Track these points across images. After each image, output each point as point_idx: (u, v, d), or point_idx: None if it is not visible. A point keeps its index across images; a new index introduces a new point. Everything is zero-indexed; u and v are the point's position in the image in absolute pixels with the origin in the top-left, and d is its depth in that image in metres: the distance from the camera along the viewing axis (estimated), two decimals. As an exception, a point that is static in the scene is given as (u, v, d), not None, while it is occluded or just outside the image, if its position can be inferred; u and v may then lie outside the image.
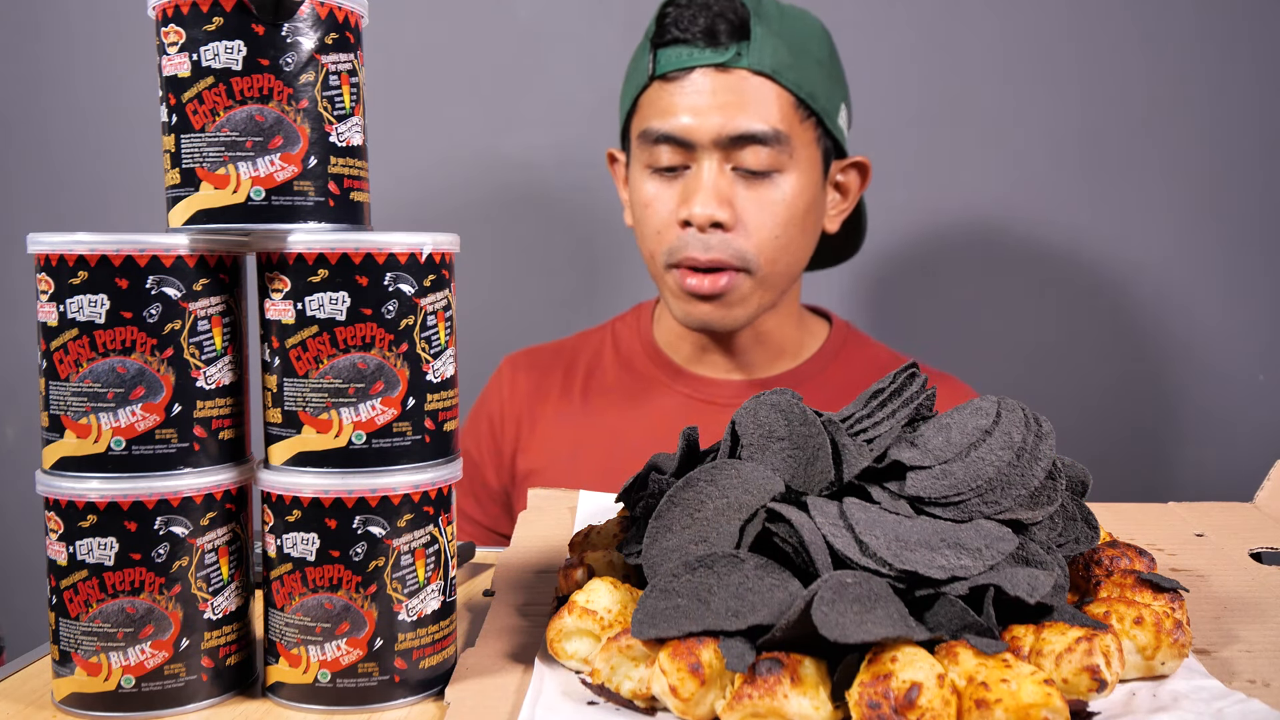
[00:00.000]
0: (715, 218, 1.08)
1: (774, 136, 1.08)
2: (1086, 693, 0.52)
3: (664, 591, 0.54)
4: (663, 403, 1.20)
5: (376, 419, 0.56)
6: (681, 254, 1.10)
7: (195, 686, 0.57)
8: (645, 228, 1.14)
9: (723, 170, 1.09)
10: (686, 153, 1.10)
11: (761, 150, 1.08)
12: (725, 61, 1.08)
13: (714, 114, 1.08)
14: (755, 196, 1.10)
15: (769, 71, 1.08)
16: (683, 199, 1.10)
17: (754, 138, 1.08)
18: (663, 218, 1.11)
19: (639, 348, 1.24)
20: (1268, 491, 0.88)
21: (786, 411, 0.63)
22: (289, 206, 0.56)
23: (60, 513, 0.56)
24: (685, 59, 1.08)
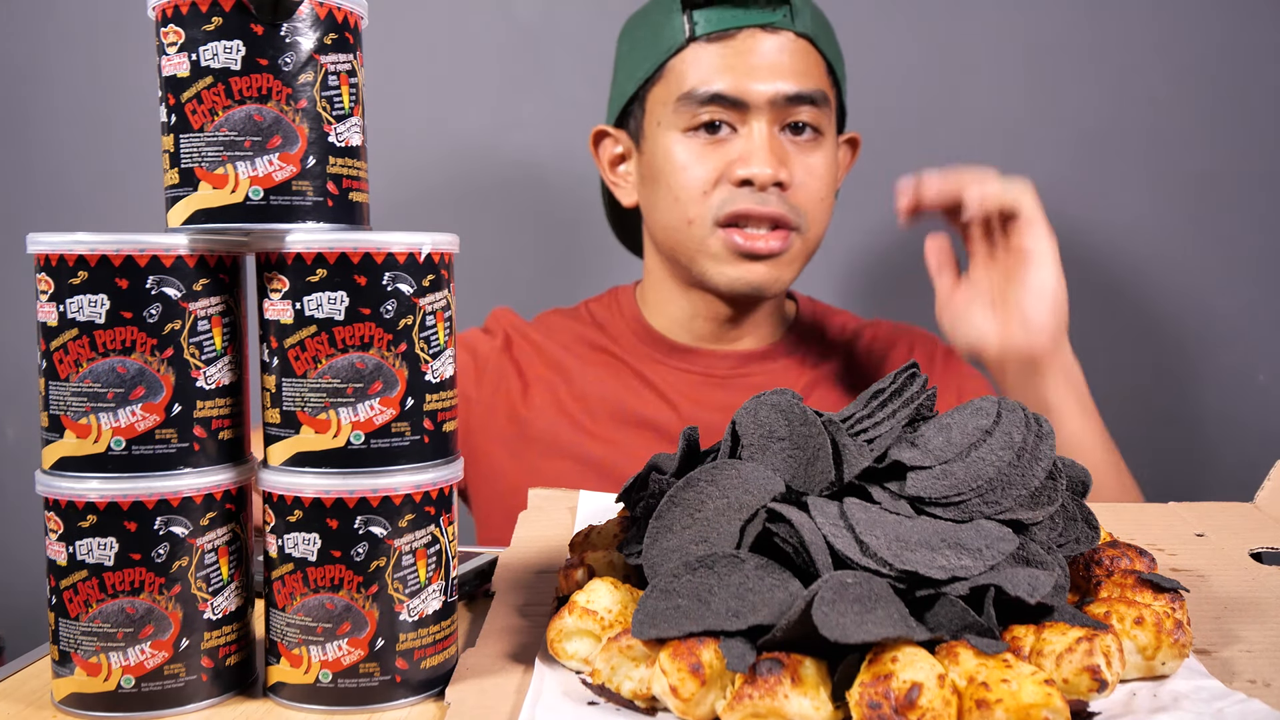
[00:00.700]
0: (778, 177, 1.07)
1: (823, 98, 1.10)
2: (1087, 693, 0.52)
3: (664, 592, 0.54)
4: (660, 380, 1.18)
5: (375, 419, 0.56)
6: (733, 207, 1.07)
7: (195, 686, 0.57)
8: (684, 190, 1.09)
9: (773, 132, 1.08)
10: (737, 113, 1.08)
11: (811, 111, 1.09)
12: (774, 22, 1.07)
13: (766, 73, 1.07)
14: (804, 160, 1.10)
15: (811, 35, 1.09)
16: (736, 160, 1.07)
17: (808, 99, 1.08)
18: (707, 179, 1.08)
19: (625, 328, 1.22)
20: (1268, 491, 0.88)
21: (787, 411, 0.63)
22: (287, 206, 0.56)
23: (60, 513, 0.56)
24: (730, 19, 1.07)
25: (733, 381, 1.18)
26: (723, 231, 1.09)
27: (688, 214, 1.10)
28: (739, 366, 1.19)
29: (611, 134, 1.19)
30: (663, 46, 1.11)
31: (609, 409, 1.17)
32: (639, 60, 1.13)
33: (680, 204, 1.10)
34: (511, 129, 1.50)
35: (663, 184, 1.12)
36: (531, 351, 1.22)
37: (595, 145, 1.22)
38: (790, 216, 1.09)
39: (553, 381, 1.20)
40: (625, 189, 1.20)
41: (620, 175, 1.21)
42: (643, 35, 1.14)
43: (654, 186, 1.13)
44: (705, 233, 1.10)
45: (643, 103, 1.14)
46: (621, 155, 1.20)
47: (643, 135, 1.15)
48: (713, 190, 1.09)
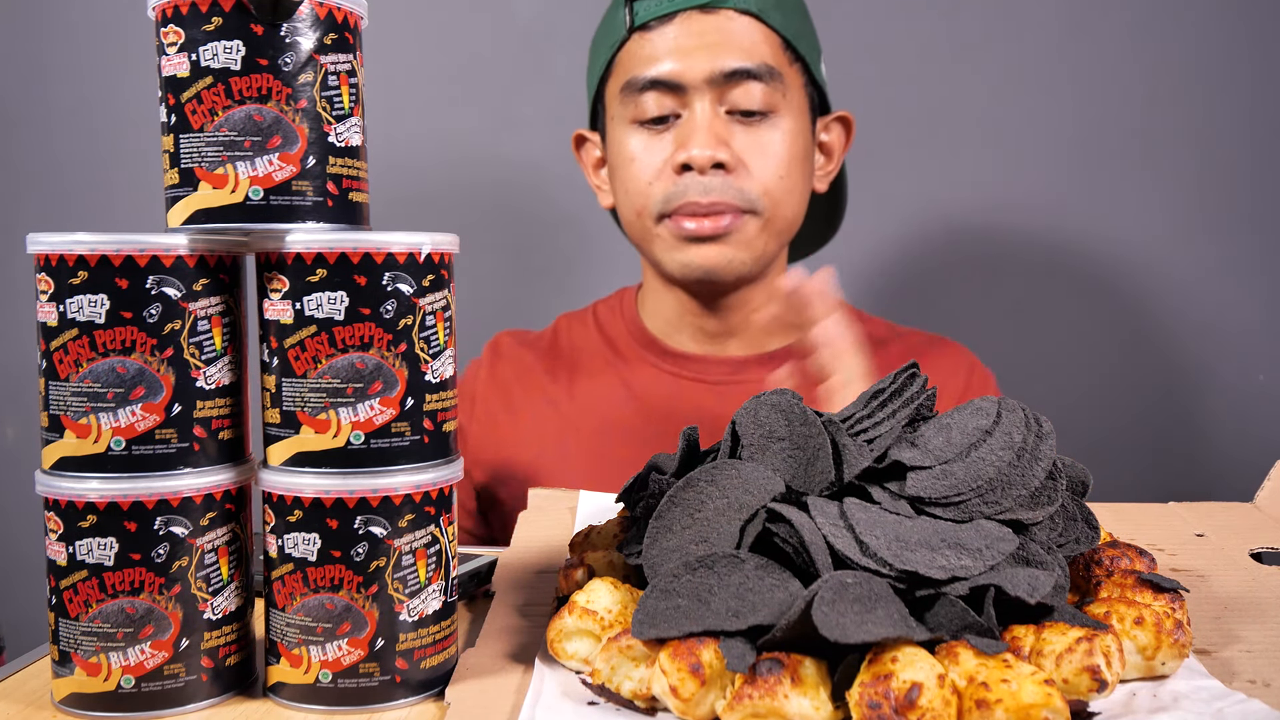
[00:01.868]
0: (716, 158, 1.03)
1: (767, 72, 1.05)
2: (1087, 693, 0.52)
3: (664, 592, 0.54)
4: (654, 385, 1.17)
5: (375, 419, 0.56)
6: (679, 200, 1.05)
7: (195, 686, 0.57)
8: (633, 183, 1.08)
9: (717, 112, 1.05)
10: (677, 98, 1.06)
11: (755, 87, 1.05)
12: (709, 2, 1.05)
13: (703, 53, 1.04)
14: (754, 138, 1.06)
15: (754, 10, 1.06)
16: (678, 145, 1.05)
17: (747, 73, 1.04)
18: (653, 168, 1.07)
19: (623, 329, 1.20)
20: (1268, 491, 0.88)
21: (787, 412, 0.63)
22: (287, 206, 0.56)
23: (60, 513, 0.56)
24: (668, 4, 1.05)
25: (726, 388, 1.15)
26: (669, 221, 1.07)
27: (636, 205, 1.09)
28: (734, 373, 1.16)
29: (589, 137, 1.19)
30: (611, 40, 1.10)
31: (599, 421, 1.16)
32: (596, 58, 1.14)
33: (630, 196, 1.09)
34: (511, 129, 1.50)
35: (618, 177, 1.11)
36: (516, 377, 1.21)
37: (578, 149, 1.21)
38: (739, 204, 1.05)
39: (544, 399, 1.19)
40: (605, 191, 1.19)
41: (601, 179, 1.20)
42: (600, 34, 1.14)
43: (615, 181, 1.12)
44: (652, 224, 1.08)
45: (602, 100, 1.14)
46: (601, 158, 1.19)
47: (606, 132, 1.14)
48: (657, 180, 1.07)
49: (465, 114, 1.50)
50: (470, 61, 1.50)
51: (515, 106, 1.49)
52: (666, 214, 1.07)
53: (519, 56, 1.49)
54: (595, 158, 1.19)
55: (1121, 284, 1.49)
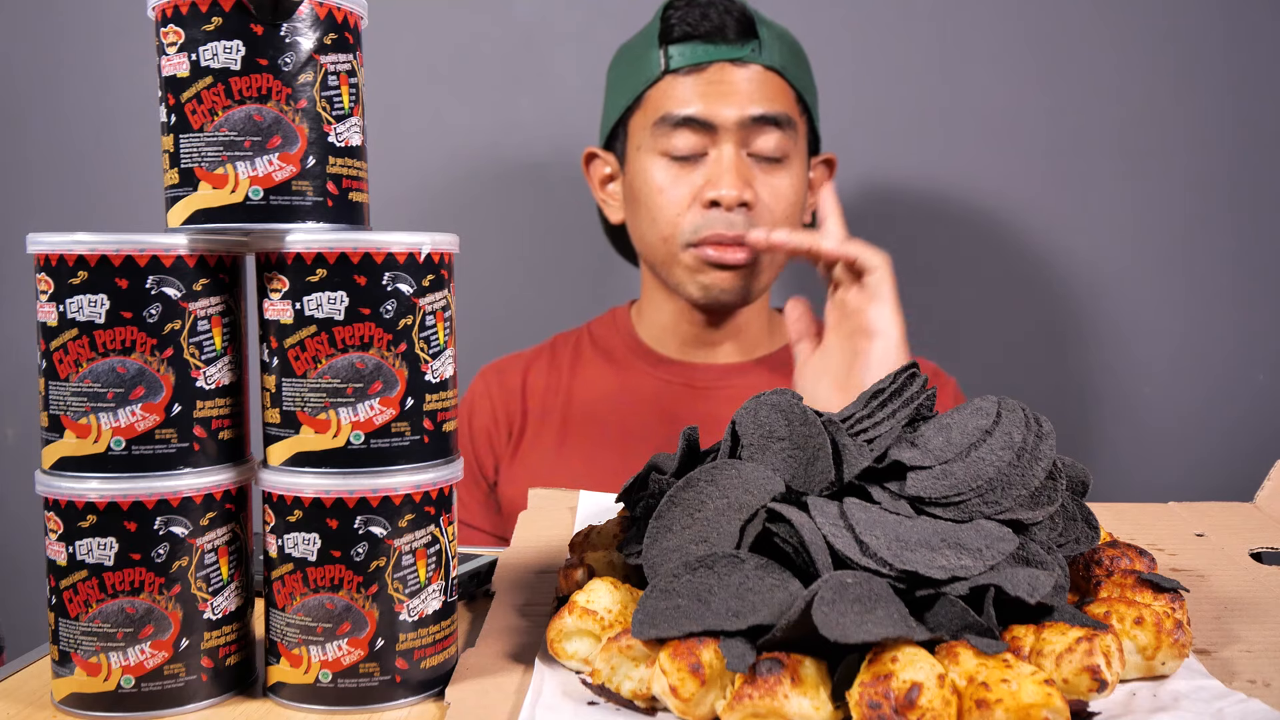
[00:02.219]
0: (743, 198, 1.14)
1: (788, 121, 1.17)
2: (1087, 693, 0.52)
3: (664, 592, 0.54)
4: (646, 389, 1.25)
5: (375, 419, 0.56)
6: (706, 231, 1.15)
7: (195, 686, 0.57)
8: (660, 212, 1.17)
9: (740, 155, 1.16)
10: (706, 137, 1.15)
11: (776, 135, 1.16)
12: (742, 57, 1.16)
13: (733, 99, 1.15)
14: (769, 182, 1.17)
15: (778, 68, 1.17)
16: (708, 182, 1.15)
17: (773, 120, 1.16)
18: (682, 201, 1.16)
19: (619, 342, 1.29)
20: (1268, 491, 0.88)
21: (787, 411, 0.63)
22: (287, 206, 0.56)
23: (60, 513, 0.56)
24: (703, 54, 1.16)
25: (714, 392, 1.24)
26: (695, 249, 1.17)
27: (663, 233, 1.18)
28: (721, 378, 1.25)
29: (601, 155, 1.28)
30: (642, 77, 1.19)
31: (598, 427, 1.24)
32: (623, 89, 1.22)
33: (657, 225, 1.18)
34: (511, 129, 1.50)
35: (642, 204, 1.20)
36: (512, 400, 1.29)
37: (586, 165, 1.30)
38: None
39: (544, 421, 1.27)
40: (613, 207, 1.29)
41: (608, 194, 1.29)
42: (626, 67, 1.22)
43: (635, 206, 1.21)
44: (678, 250, 1.18)
45: (625, 128, 1.22)
46: (610, 175, 1.28)
47: (626, 158, 1.23)
48: (685, 213, 1.17)
49: (465, 114, 1.50)
50: (470, 62, 1.50)
51: (515, 106, 1.49)
52: (692, 244, 1.17)
53: (519, 56, 1.49)
54: (604, 174, 1.28)
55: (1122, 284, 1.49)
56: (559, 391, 1.27)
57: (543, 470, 1.22)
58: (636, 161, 1.20)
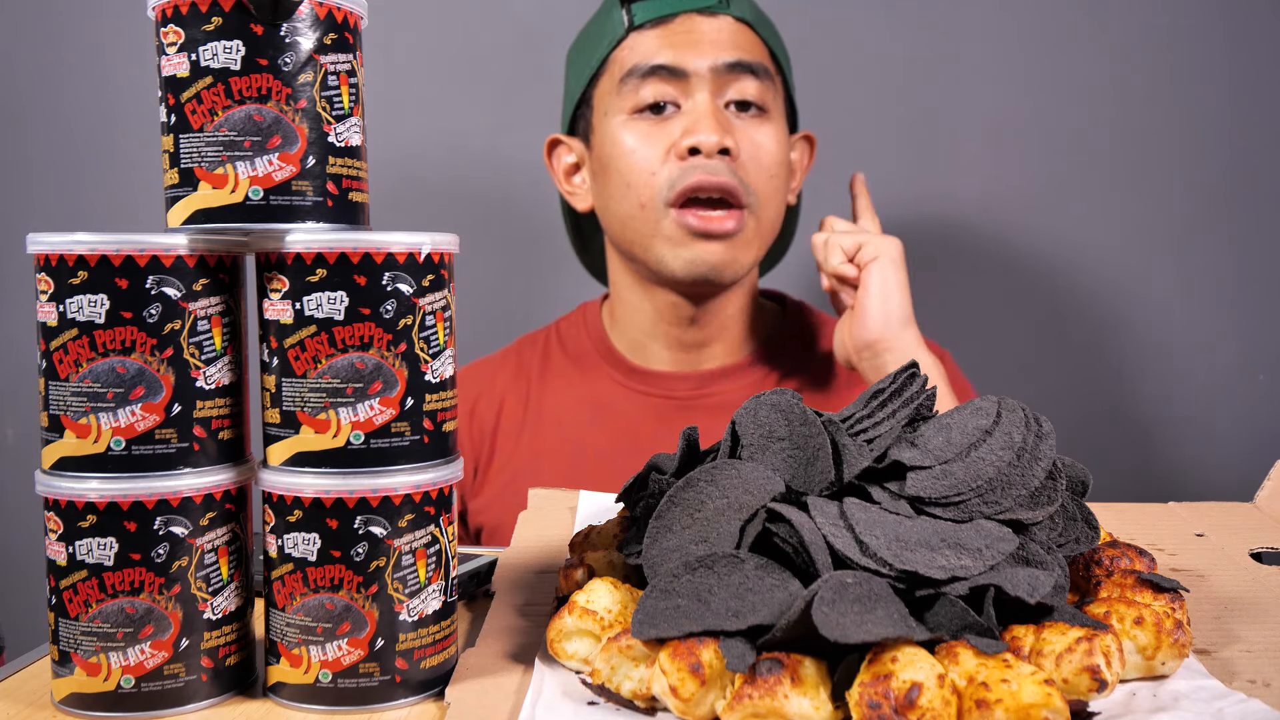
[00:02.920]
0: (724, 143, 1.06)
1: (764, 70, 1.10)
2: (1087, 693, 0.52)
3: (664, 592, 0.54)
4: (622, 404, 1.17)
5: (375, 419, 0.56)
6: (687, 181, 1.06)
7: (195, 686, 0.57)
8: (635, 174, 1.09)
9: (716, 103, 1.09)
10: (678, 85, 1.08)
11: (754, 83, 1.09)
12: (711, 6, 1.09)
13: (704, 47, 1.08)
14: (749, 131, 1.10)
15: (750, 21, 1.11)
16: (684, 131, 1.07)
17: (747, 67, 1.09)
18: (656, 156, 1.08)
19: (590, 347, 1.21)
20: (1268, 491, 0.88)
21: (787, 411, 0.63)
22: (287, 206, 0.56)
23: (60, 513, 0.56)
24: (668, 6, 1.09)
25: (694, 403, 1.16)
26: (675, 212, 1.08)
27: (640, 197, 1.09)
28: (701, 387, 1.17)
29: (564, 141, 1.20)
30: (605, 41, 1.12)
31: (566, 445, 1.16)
32: (584, 62, 1.15)
33: (632, 189, 1.09)
34: (511, 129, 1.50)
35: (613, 171, 1.11)
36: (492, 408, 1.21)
37: (549, 156, 1.21)
38: (740, 190, 1.07)
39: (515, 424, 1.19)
40: (580, 195, 1.20)
41: (575, 185, 1.20)
42: (587, 39, 1.16)
43: (605, 178, 1.12)
44: (659, 214, 1.08)
45: (589, 101, 1.15)
46: (575, 165, 1.20)
47: (592, 131, 1.15)
48: (660, 168, 1.08)
49: (465, 114, 1.50)
50: (470, 62, 1.50)
51: (515, 106, 1.49)
52: (674, 202, 1.07)
53: (519, 56, 1.49)
54: (568, 164, 1.20)
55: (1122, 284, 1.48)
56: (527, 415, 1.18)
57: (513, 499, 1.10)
58: (604, 130, 1.12)
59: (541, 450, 1.17)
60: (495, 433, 1.19)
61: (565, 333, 1.24)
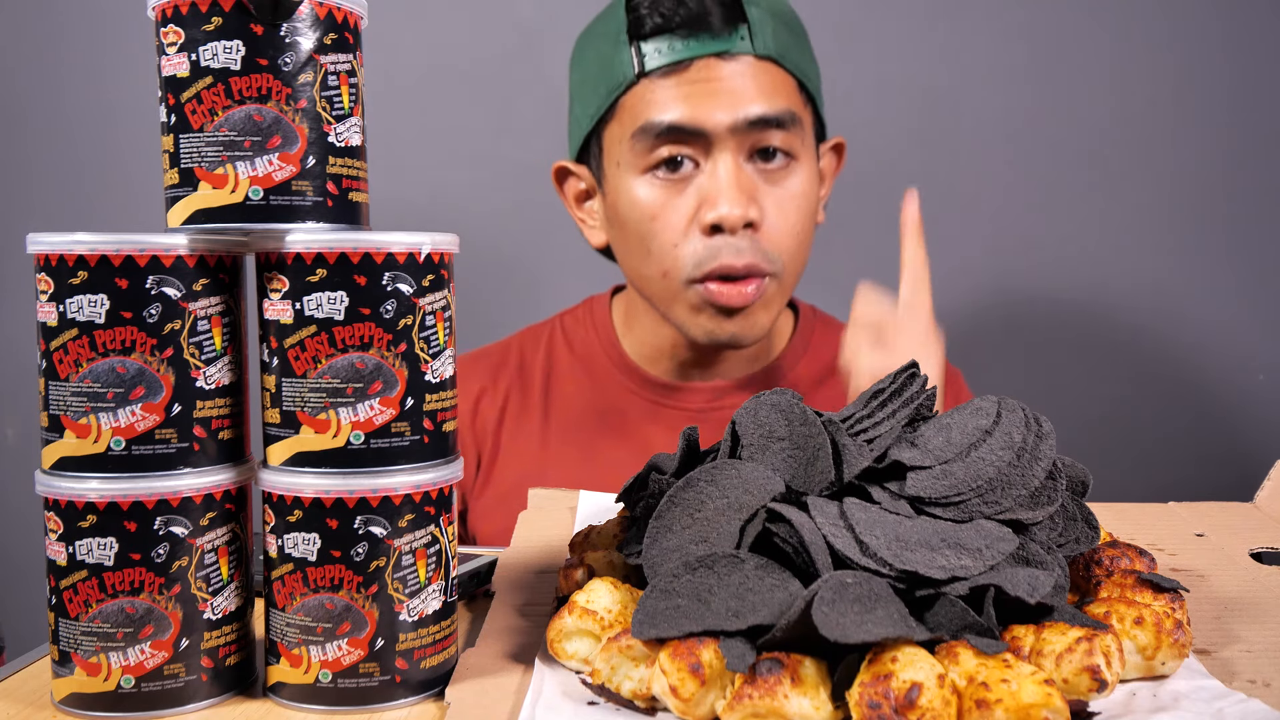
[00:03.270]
0: (748, 217, 0.99)
1: (791, 119, 1.01)
2: (1087, 693, 0.52)
3: (664, 592, 0.54)
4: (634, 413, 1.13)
5: (375, 419, 0.56)
6: (713, 264, 1.00)
7: (195, 686, 0.57)
8: (655, 241, 1.02)
9: (740, 164, 1.00)
10: (697, 147, 1.00)
11: (779, 135, 1.00)
12: (730, 49, 0.99)
13: (724, 99, 0.98)
14: (775, 192, 1.02)
15: (774, 55, 1.01)
16: (704, 202, 1.00)
17: (775, 121, 0.99)
18: (678, 227, 1.01)
19: (599, 349, 1.16)
20: (1268, 491, 0.88)
21: (787, 411, 0.63)
22: (287, 206, 0.56)
23: (60, 513, 0.56)
24: (683, 50, 0.99)
25: (709, 415, 1.12)
26: (697, 287, 1.02)
27: (662, 266, 1.03)
28: (716, 399, 1.13)
29: (574, 170, 1.12)
30: (613, 82, 1.02)
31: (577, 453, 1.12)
32: (590, 95, 1.06)
33: (653, 257, 1.03)
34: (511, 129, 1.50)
35: (631, 232, 1.04)
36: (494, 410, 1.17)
37: (558, 182, 1.14)
38: (763, 264, 1.01)
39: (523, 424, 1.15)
40: (593, 229, 1.13)
41: (586, 212, 1.13)
42: (592, 67, 1.06)
43: (622, 233, 1.06)
44: (681, 286, 1.03)
45: (599, 140, 1.07)
46: (586, 191, 1.12)
47: (604, 175, 1.07)
48: (684, 241, 1.01)
49: (465, 114, 1.50)
50: (470, 61, 1.50)
51: (515, 106, 1.49)
52: (697, 279, 1.02)
53: (519, 56, 1.49)
54: (579, 189, 1.13)
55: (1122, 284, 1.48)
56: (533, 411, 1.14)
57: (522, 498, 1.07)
58: (617, 181, 1.04)
59: (549, 459, 1.12)
60: (499, 431, 1.14)
61: (571, 330, 1.18)
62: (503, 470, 1.14)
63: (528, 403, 1.15)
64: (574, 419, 1.14)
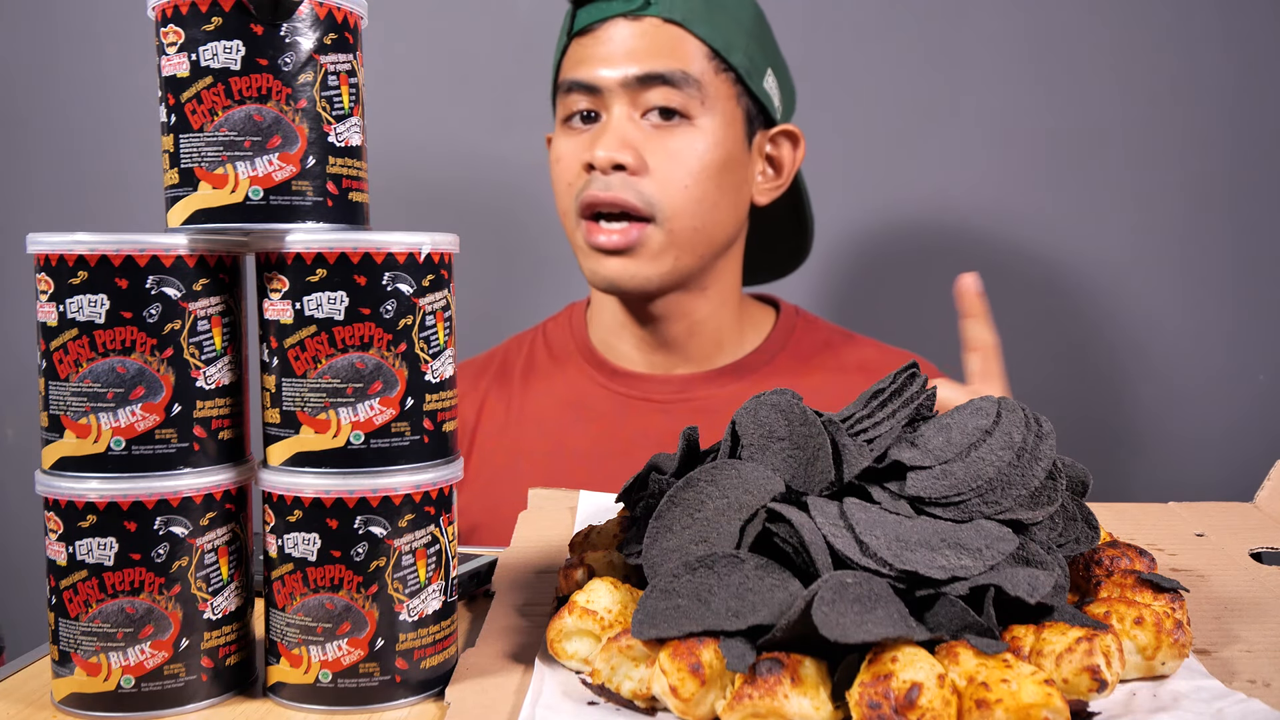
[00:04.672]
0: (615, 159, 1.06)
1: (682, 78, 1.07)
2: (1087, 693, 0.52)
3: (664, 592, 0.54)
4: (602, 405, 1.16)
5: (375, 419, 0.56)
6: (584, 195, 1.08)
7: (195, 686, 0.57)
8: (558, 183, 1.12)
9: (631, 117, 1.08)
10: (596, 100, 1.09)
11: (670, 92, 1.07)
12: (635, 9, 1.08)
13: (622, 58, 1.08)
14: (664, 143, 1.08)
15: (679, 19, 1.08)
16: (588, 145, 1.09)
17: (661, 78, 1.07)
18: (573, 168, 1.10)
19: (573, 347, 1.21)
20: (1268, 491, 0.88)
21: (787, 411, 0.63)
22: (287, 206, 0.56)
23: (60, 513, 0.56)
24: (596, 13, 1.09)
25: (673, 407, 1.15)
26: (584, 224, 1.10)
27: (563, 205, 1.12)
28: (681, 390, 1.16)
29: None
30: (560, 47, 1.14)
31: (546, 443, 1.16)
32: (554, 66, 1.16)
33: (558, 197, 1.13)
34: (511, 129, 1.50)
35: (551, 175, 1.14)
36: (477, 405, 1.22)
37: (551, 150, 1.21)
38: (638, 204, 1.07)
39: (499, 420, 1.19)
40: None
41: None
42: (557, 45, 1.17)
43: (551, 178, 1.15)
44: (574, 225, 1.11)
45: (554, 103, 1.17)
46: None
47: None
48: (574, 180, 1.10)
49: (465, 114, 1.50)
50: (470, 61, 1.50)
51: (515, 106, 1.49)
52: (581, 214, 1.09)
53: (519, 56, 1.49)
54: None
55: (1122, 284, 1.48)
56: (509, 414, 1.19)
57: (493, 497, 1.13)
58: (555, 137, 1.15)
59: (521, 450, 1.16)
60: (475, 431, 1.19)
61: (551, 333, 1.24)
62: (478, 465, 1.17)
63: (504, 399, 1.20)
64: (545, 412, 1.18)
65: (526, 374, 1.21)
